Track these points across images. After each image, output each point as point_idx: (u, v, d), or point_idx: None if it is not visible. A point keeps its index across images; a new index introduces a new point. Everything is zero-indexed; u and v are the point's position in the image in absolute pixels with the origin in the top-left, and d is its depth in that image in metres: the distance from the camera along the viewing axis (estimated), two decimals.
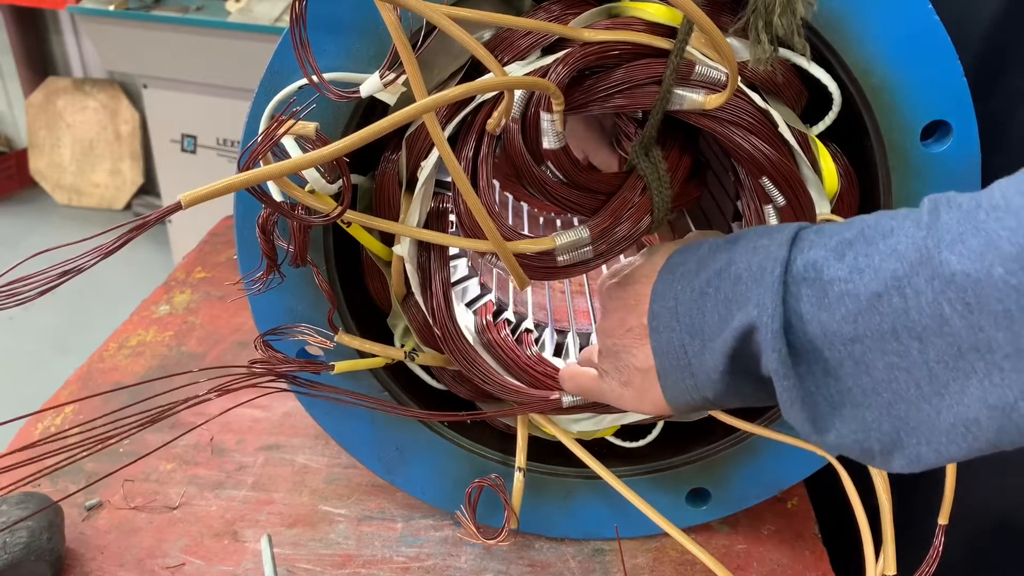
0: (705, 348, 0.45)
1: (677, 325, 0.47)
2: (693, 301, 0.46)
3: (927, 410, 0.38)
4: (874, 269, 0.38)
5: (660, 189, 0.57)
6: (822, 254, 0.41)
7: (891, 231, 0.39)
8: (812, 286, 0.40)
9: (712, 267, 0.46)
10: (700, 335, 0.46)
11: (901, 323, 0.37)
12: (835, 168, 0.57)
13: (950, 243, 0.36)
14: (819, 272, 0.40)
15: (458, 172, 0.50)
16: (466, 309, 0.72)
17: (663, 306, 0.48)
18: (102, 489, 0.75)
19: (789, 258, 0.42)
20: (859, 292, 0.38)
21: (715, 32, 0.47)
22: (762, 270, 0.42)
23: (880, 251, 0.38)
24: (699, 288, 0.46)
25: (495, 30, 0.53)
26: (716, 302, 0.45)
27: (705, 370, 0.46)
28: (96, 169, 3.31)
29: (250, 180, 0.43)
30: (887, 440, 0.40)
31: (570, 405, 0.64)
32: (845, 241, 0.40)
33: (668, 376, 0.49)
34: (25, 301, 0.39)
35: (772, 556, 0.70)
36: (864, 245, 0.39)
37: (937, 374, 0.37)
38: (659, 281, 0.50)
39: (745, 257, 0.44)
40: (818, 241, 0.42)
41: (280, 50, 0.54)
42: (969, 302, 0.35)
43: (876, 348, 0.38)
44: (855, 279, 0.39)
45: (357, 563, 0.68)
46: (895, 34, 0.52)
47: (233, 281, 0.60)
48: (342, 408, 0.66)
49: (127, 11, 2.22)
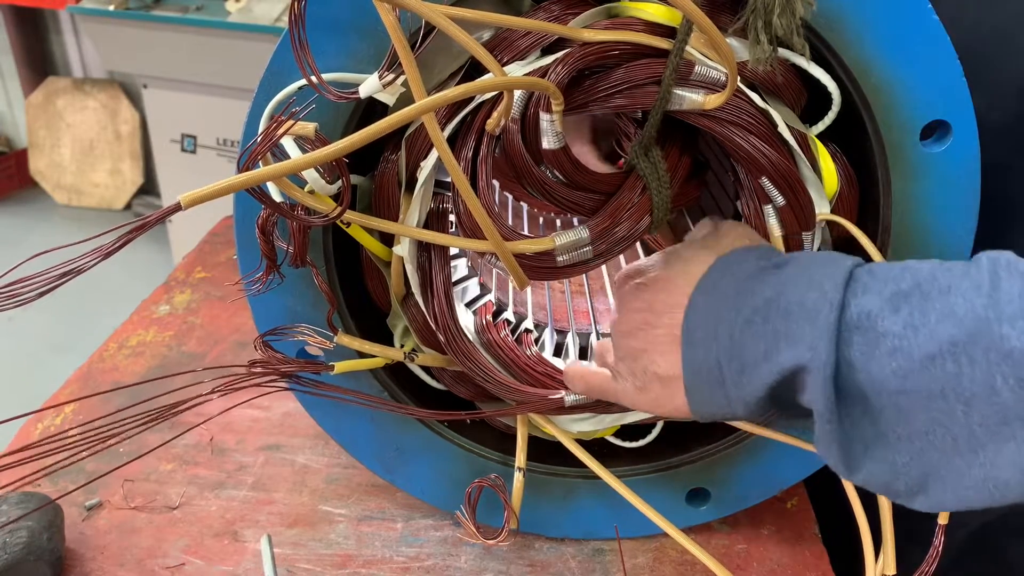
0: (744, 374, 0.46)
1: (715, 345, 0.47)
2: (737, 326, 0.46)
3: (958, 464, 0.39)
4: (930, 329, 0.39)
5: (660, 189, 0.57)
6: (877, 304, 0.41)
7: (948, 290, 0.39)
8: (865, 335, 0.41)
9: (760, 294, 0.46)
10: (740, 360, 0.46)
11: (951, 387, 0.38)
12: (834, 168, 0.57)
13: (1011, 317, 0.37)
14: (873, 323, 0.41)
15: (457, 172, 0.50)
16: (466, 309, 0.72)
17: (701, 323, 0.48)
18: (102, 489, 0.75)
19: (844, 302, 0.42)
20: (912, 351, 0.39)
21: (714, 32, 0.47)
22: (816, 311, 0.42)
23: (937, 310, 0.39)
24: (745, 315, 0.46)
25: (494, 30, 0.53)
26: (763, 333, 0.45)
27: (741, 394, 0.46)
28: (96, 169, 3.31)
29: (249, 181, 0.43)
30: (913, 484, 0.42)
31: (572, 404, 0.64)
32: (901, 293, 0.41)
33: (698, 391, 0.49)
34: (25, 302, 0.39)
35: (772, 556, 0.70)
36: (920, 300, 0.40)
37: (977, 435, 0.38)
38: (698, 295, 0.50)
39: (797, 291, 0.44)
40: (872, 286, 0.42)
41: (280, 50, 0.54)
42: (1022, 378, 0.36)
43: (921, 404, 0.39)
44: (909, 336, 0.39)
45: (357, 563, 0.68)
46: (894, 34, 0.52)
47: (233, 281, 0.60)
48: (342, 408, 0.66)
49: (127, 11, 2.22)
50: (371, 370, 0.65)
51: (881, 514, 0.58)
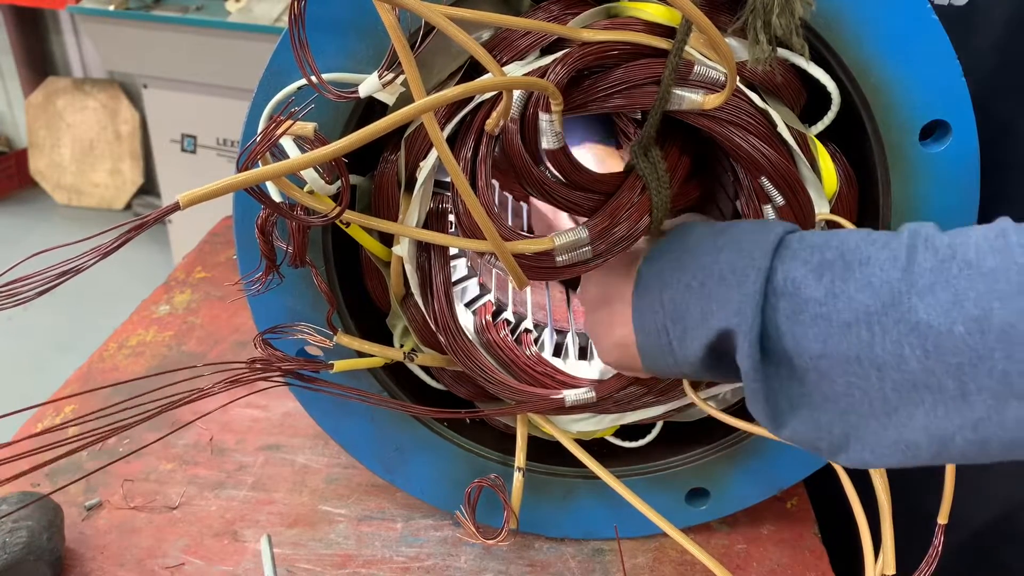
0: (686, 336, 0.49)
1: (660, 309, 0.50)
2: (678, 292, 0.49)
3: (874, 425, 0.42)
4: (848, 297, 0.42)
5: (659, 189, 0.57)
6: (802, 272, 0.44)
7: (868, 260, 0.42)
8: (789, 301, 0.44)
9: (699, 260, 0.49)
10: (682, 323, 0.49)
11: (865, 353, 0.41)
12: (834, 168, 0.57)
13: (920, 291, 0.39)
14: (797, 289, 0.43)
15: (457, 172, 0.50)
16: (465, 309, 0.72)
17: (648, 290, 0.52)
18: (102, 489, 0.75)
19: (771, 267, 0.45)
20: (832, 317, 0.42)
21: (714, 32, 0.47)
22: (744, 276, 0.45)
23: (856, 280, 0.42)
24: (685, 281, 0.49)
25: (494, 30, 0.53)
26: (700, 297, 0.48)
27: (686, 354, 0.49)
28: (96, 169, 3.31)
29: (249, 180, 0.43)
30: (836, 442, 0.44)
31: (572, 404, 0.64)
32: (825, 262, 0.43)
33: (649, 353, 0.52)
34: (24, 301, 0.39)
35: (772, 556, 0.70)
36: (842, 270, 0.43)
37: (889, 399, 0.41)
38: (644, 264, 0.53)
39: (730, 257, 0.47)
40: (800, 253, 0.45)
41: (279, 50, 0.54)
42: (928, 349, 0.38)
43: (839, 367, 0.42)
44: (829, 303, 0.42)
45: (357, 563, 0.68)
46: (894, 34, 0.52)
47: (233, 281, 0.60)
48: (342, 408, 0.66)
49: (127, 11, 2.22)
50: (371, 370, 0.65)
51: (881, 514, 0.58)
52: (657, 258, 0.53)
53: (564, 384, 0.65)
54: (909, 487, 0.65)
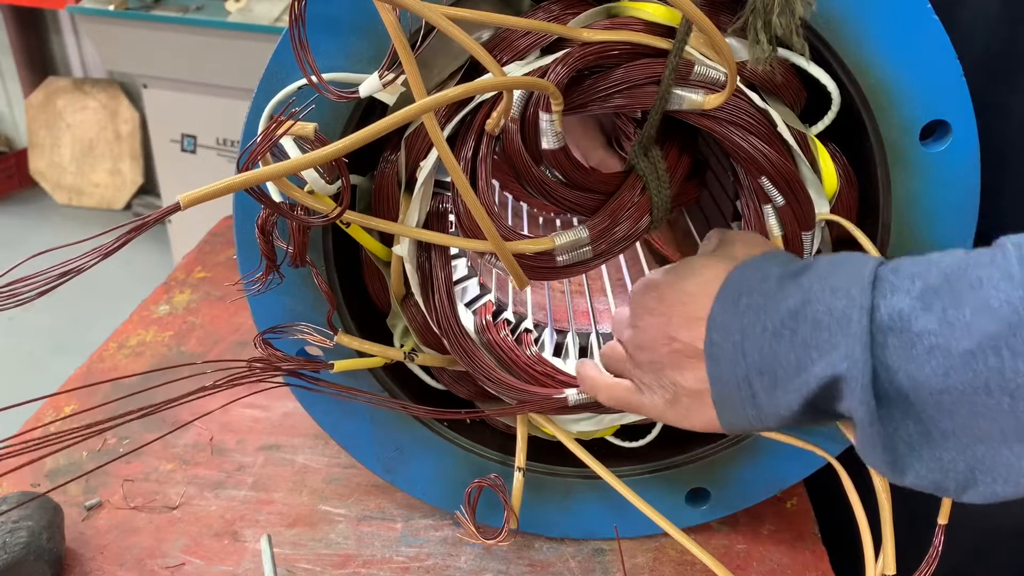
0: (777, 387, 0.45)
1: (743, 360, 0.47)
2: (765, 340, 0.46)
3: (1006, 455, 0.39)
4: (966, 324, 0.38)
5: (659, 189, 0.57)
6: (907, 302, 0.41)
7: (979, 282, 0.39)
8: (899, 336, 0.40)
9: (784, 304, 0.45)
10: (771, 374, 0.45)
11: (995, 380, 0.38)
12: (834, 168, 0.57)
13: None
14: (906, 323, 0.40)
15: (457, 172, 0.50)
16: (465, 309, 0.72)
17: (725, 338, 0.48)
18: (102, 489, 0.75)
19: (873, 304, 0.41)
20: (951, 347, 0.39)
21: (714, 32, 0.47)
22: (846, 318, 0.42)
23: (971, 304, 0.39)
24: (772, 328, 0.45)
25: (494, 30, 0.53)
26: (793, 345, 0.44)
27: (775, 407, 0.46)
28: (96, 169, 3.31)
29: (249, 181, 0.43)
30: (962, 479, 0.41)
31: (575, 404, 0.64)
32: (930, 289, 0.40)
33: (727, 405, 0.49)
34: (25, 301, 0.39)
35: (772, 556, 0.70)
36: (951, 295, 0.40)
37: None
38: (718, 308, 0.49)
39: (823, 299, 0.44)
40: (900, 285, 0.42)
41: (279, 50, 0.54)
42: None
43: (964, 399, 0.39)
44: (946, 333, 0.39)
45: (357, 563, 0.68)
46: (894, 34, 0.52)
47: (233, 281, 0.60)
48: (342, 408, 0.66)
49: (127, 11, 2.22)
50: (371, 370, 0.65)
51: (881, 514, 0.58)
52: (729, 304, 0.49)
53: (564, 384, 0.65)
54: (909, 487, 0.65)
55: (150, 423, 0.78)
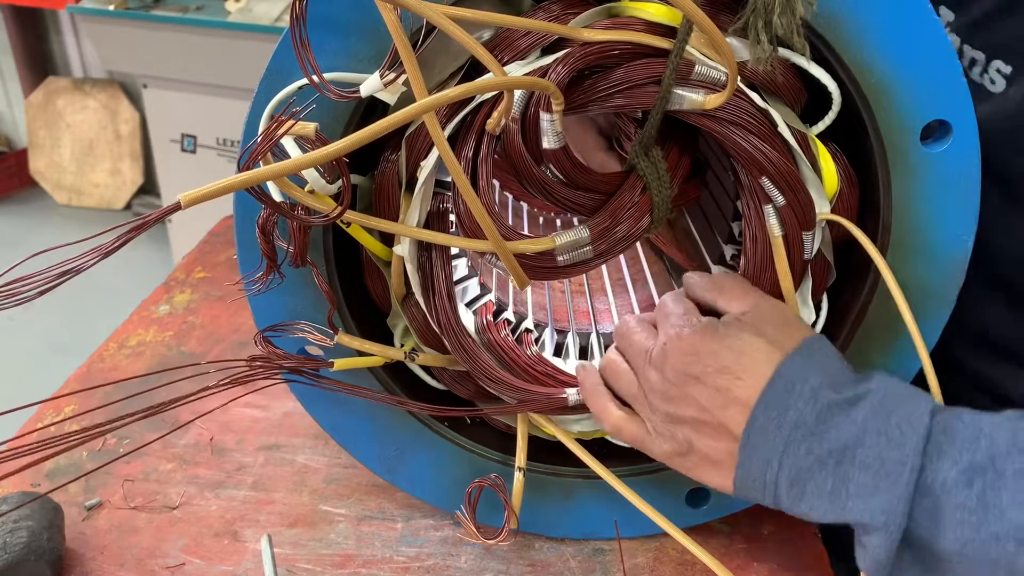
0: (803, 501, 0.47)
1: (778, 466, 0.48)
2: (804, 461, 0.47)
3: None
4: (1000, 511, 0.41)
5: (660, 189, 0.57)
6: (952, 475, 0.43)
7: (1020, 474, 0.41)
8: (935, 500, 0.43)
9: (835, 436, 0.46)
10: (801, 489, 0.47)
11: (1006, 561, 0.41)
12: (835, 168, 0.57)
13: None
14: (947, 492, 0.43)
15: (458, 172, 0.50)
16: (466, 309, 0.72)
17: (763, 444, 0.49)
18: (102, 489, 0.75)
19: (922, 465, 0.44)
20: (980, 527, 0.41)
21: (715, 32, 0.47)
22: (896, 473, 0.44)
23: (1009, 491, 0.41)
24: (817, 455, 0.47)
25: (495, 30, 0.53)
26: (834, 476, 0.46)
27: (794, 511, 0.48)
28: (96, 169, 3.31)
29: (249, 180, 0.43)
30: None
31: (576, 403, 0.64)
32: (976, 466, 0.42)
33: (746, 489, 0.51)
34: (25, 301, 0.39)
35: (772, 556, 0.70)
36: (994, 478, 0.42)
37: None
38: (762, 406, 0.49)
39: (876, 445, 0.45)
40: (949, 452, 0.44)
41: (280, 50, 0.54)
42: None
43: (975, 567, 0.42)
44: (979, 513, 0.42)
45: (357, 563, 0.68)
46: (894, 34, 0.52)
47: (233, 281, 0.60)
48: (342, 408, 0.66)
49: (127, 11, 2.22)
50: (371, 370, 0.65)
51: None
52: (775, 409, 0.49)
53: (565, 383, 0.65)
54: None
55: (150, 423, 0.78)
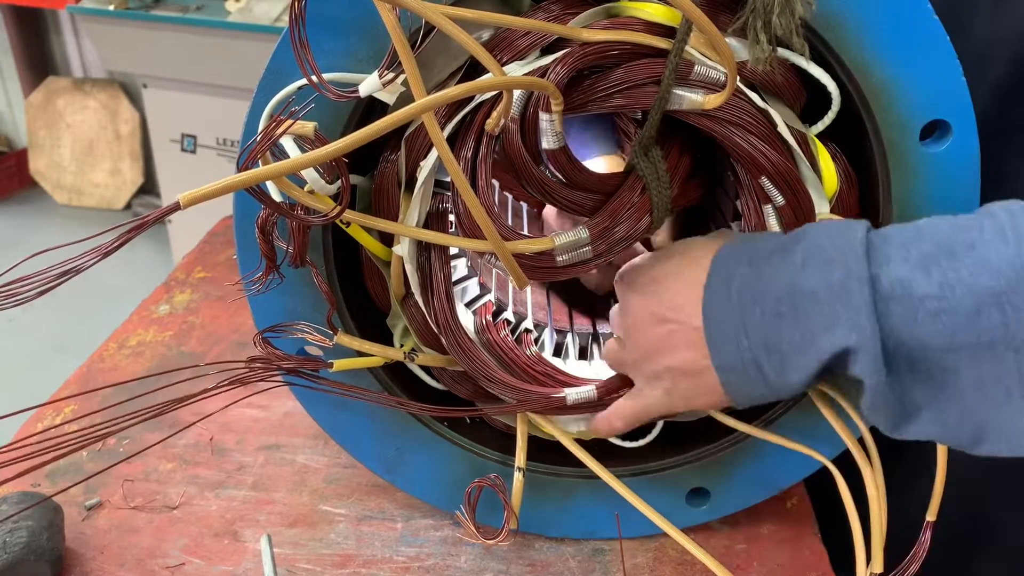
0: (786, 365, 0.46)
1: (747, 342, 0.47)
2: (765, 322, 0.46)
3: (1011, 413, 0.40)
4: (966, 284, 0.39)
5: (659, 189, 0.57)
6: (906, 269, 0.41)
7: (973, 244, 0.40)
8: (902, 303, 0.41)
9: (779, 282, 0.46)
10: (778, 353, 0.46)
11: (1000, 337, 0.39)
12: (834, 168, 0.57)
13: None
14: (908, 289, 0.41)
15: (457, 172, 0.50)
16: (465, 309, 0.72)
17: (724, 322, 0.48)
18: (102, 489, 0.75)
19: (872, 275, 0.42)
20: (955, 309, 0.40)
21: (714, 32, 0.47)
22: (846, 291, 0.42)
23: (968, 265, 0.39)
24: (771, 308, 0.46)
25: (494, 30, 0.53)
26: (795, 323, 0.45)
27: (786, 381, 0.47)
28: (96, 169, 3.31)
29: (249, 180, 0.43)
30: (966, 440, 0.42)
31: (574, 403, 0.64)
32: (927, 255, 0.41)
33: (736, 385, 0.49)
34: (24, 301, 0.39)
35: (772, 556, 0.70)
36: (948, 259, 0.40)
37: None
38: (711, 291, 0.49)
39: (818, 273, 0.44)
40: (895, 254, 0.42)
41: (279, 50, 0.54)
42: None
43: (970, 358, 0.40)
44: (948, 296, 0.40)
45: (357, 563, 0.68)
46: (894, 34, 0.52)
47: (233, 281, 0.60)
48: (342, 408, 0.66)
49: (127, 11, 2.22)
50: (371, 370, 0.65)
51: (871, 514, 0.58)
52: (722, 285, 0.49)
53: (564, 384, 0.65)
54: (908, 488, 0.65)
55: (150, 423, 0.78)
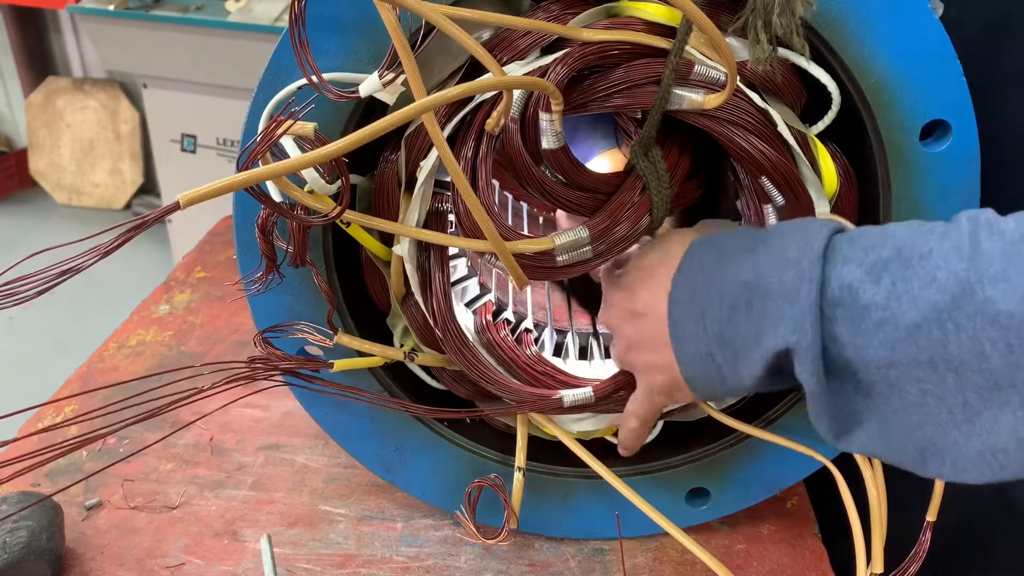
0: (738, 359, 0.46)
1: (704, 336, 0.47)
2: (723, 315, 0.46)
3: (955, 435, 0.39)
4: (912, 297, 0.38)
5: (659, 189, 0.57)
6: (858, 275, 0.40)
7: (929, 253, 0.38)
8: (848, 309, 0.40)
9: (739, 277, 0.46)
10: (731, 348, 0.46)
11: (939, 355, 0.37)
12: (834, 167, 0.57)
13: (993, 278, 0.35)
14: (855, 296, 0.40)
15: (457, 172, 0.50)
16: (465, 309, 0.72)
17: (686, 315, 0.49)
18: (102, 489, 0.75)
19: (823, 277, 0.41)
20: (897, 321, 0.38)
21: (714, 32, 0.47)
22: (796, 290, 0.42)
23: (919, 276, 0.38)
24: (729, 301, 0.46)
25: (494, 30, 0.53)
26: (748, 317, 0.45)
27: (737, 377, 0.47)
28: (96, 169, 3.31)
29: (249, 180, 0.43)
30: (910, 460, 0.41)
31: (571, 404, 0.64)
32: (881, 261, 0.40)
33: (696, 379, 0.50)
34: (24, 301, 0.39)
35: (772, 556, 0.70)
36: (901, 268, 0.39)
37: (971, 403, 0.37)
38: (678, 284, 0.50)
39: (775, 270, 0.44)
40: (852, 256, 0.41)
41: (279, 49, 0.54)
42: (1011, 342, 0.35)
43: (910, 374, 0.39)
44: (892, 307, 0.39)
45: (357, 563, 0.68)
46: (894, 33, 0.52)
47: (233, 281, 0.60)
48: (342, 408, 0.66)
49: (127, 11, 2.22)
50: (371, 370, 0.65)
51: (871, 514, 0.58)
52: (689, 277, 0.49)
53: (564, 384, 0.65)
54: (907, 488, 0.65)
55: (150, 423, 0.78)
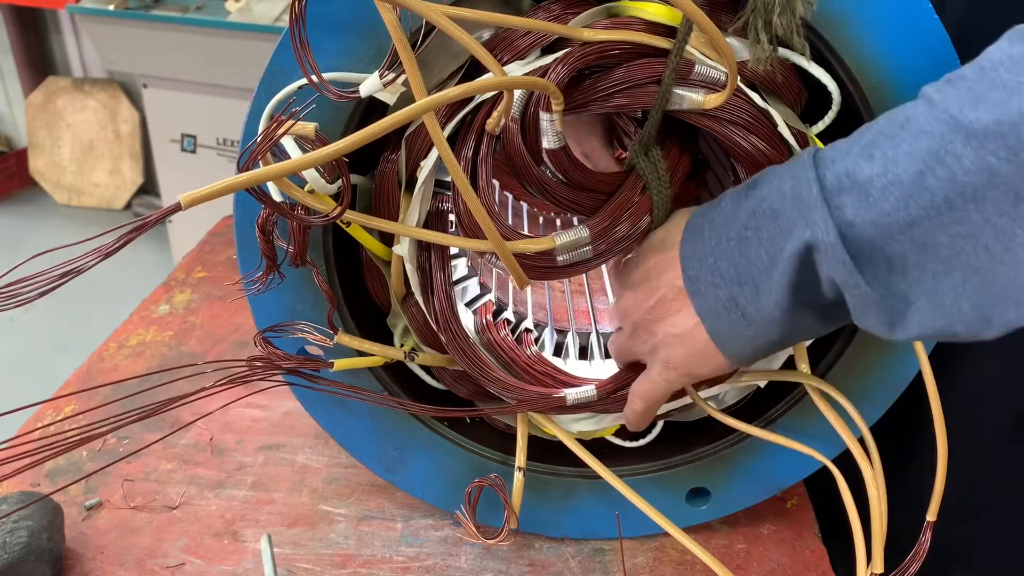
0: (760, 292, 0.46)
1: (721, 280, 0.47)
2: (734, 250, 0.46)
3: (1003, 271, 0.38)
4: (907, 152, 0.39)
5: (660, 188, 0.57)
6: (850, 161, 0.42)
7: (906, 120, 0.40)
8: (851, 192, 0.41)
9: (742, 214, 0.47)
10: (750, 281, 0.46)
11: (952, 190, 0.38)
12: None
13: (972, 104, 0.37)
14: (854, 177, 0.41)
15: (457, 172, 0.50)
16: (466, 309, 0.72)
17: (699, 267, 0.49)
18: (102, 489, 0.75)
19: (819, 176, 0.42)
20: (901, 178, 0.39)
21: (714, 32, 0.47)
22: (797, 196, 0.43)
23: (905, 138, 0.40)
24: (736, 236, 0.46)
25: (494, 30, 0.53)
26: (759, 242, 0.45)
27: (764, 314, 0.46)
28: (96, 169, 3.31)
29: (249, 181, 0.43)
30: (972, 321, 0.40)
31: (573, 402, 0.64)
32: (867, 144, 0.41)
33: (723, 332, 0.49)
34: (25, 302, 0.39)
35: (772, 556, 0.70)
36: (886, 140, 0.41)
37: (1002, 228, 0.37)
38: (685, 245, 0.51)
39: (774, 191, 0.45)
40: (839, 155, 0.43)
41: (280, 50, 0.54)
42: (1011, 145, 0.36)
43: (935, 225, 0.39)
44: (892, 169, 0.39)
45: (357, 563, 0.68)
46: (894, 33, 0.52)
47: (233, 281, 0.60)
48: (342, 408, 0.66)
49: (127, 11, 2.22)
50: (371, 370, 0.65)
51: (872, 514, 0.58)
52: (696, 232, 0.50)
53: (564, 383, 0.65)
54: (906, 488, 0.65)
55: (150, 423, 0.78)
